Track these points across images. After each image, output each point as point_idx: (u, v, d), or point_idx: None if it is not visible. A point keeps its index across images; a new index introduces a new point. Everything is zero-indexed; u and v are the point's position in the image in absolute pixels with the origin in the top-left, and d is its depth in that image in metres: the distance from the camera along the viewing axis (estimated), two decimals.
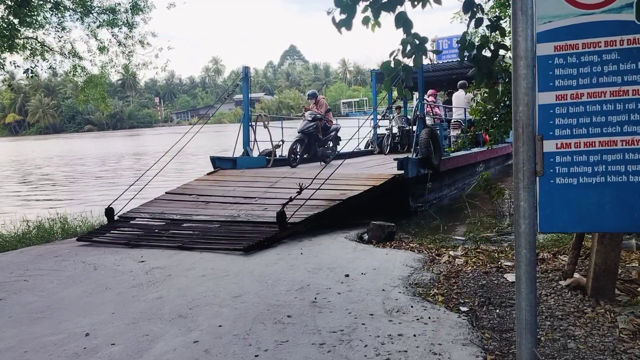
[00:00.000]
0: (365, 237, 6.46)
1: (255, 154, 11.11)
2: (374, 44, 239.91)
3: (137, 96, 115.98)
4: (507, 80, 5.69)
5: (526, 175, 1.90)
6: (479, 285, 4.26)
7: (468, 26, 4.16)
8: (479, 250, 5.56)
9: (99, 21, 12.31)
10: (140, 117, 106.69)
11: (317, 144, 11.60)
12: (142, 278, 4.82)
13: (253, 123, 10.96)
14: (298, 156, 11.17)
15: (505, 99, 6.44)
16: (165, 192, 8.48)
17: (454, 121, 13.81)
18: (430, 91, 14.70)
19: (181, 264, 5.26)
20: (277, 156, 11.30)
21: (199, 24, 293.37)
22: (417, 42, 3.59)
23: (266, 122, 11.27)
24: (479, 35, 4.41)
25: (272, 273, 4.82)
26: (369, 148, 15.83)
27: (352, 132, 11.82)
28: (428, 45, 3.70)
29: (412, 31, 3.62)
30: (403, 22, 3.54)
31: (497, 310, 3.68)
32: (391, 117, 15.11)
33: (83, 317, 3.82)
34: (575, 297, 3.75)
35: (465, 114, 13.19)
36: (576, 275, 4.02)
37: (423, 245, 6.00)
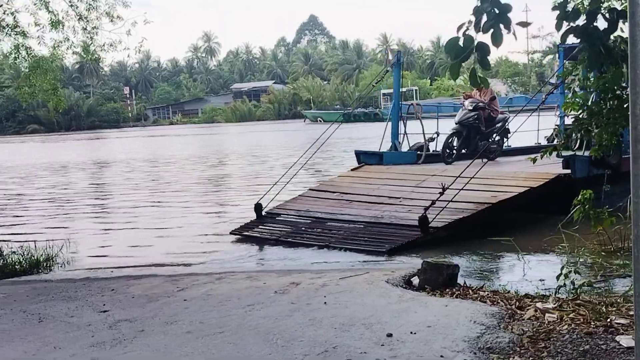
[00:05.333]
0: (416, 280, 6.42)
1: (404, 148, 13.21)
2: (427, 15, 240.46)
3: (100, 85, 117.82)
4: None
5: None
6: (580, 351, 4.22)
7: None
8: (578, 301, 5.49)
9: None
10: (104, 114, 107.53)
11: (478, 137, 12.90)
12: (104, 334, 4.85)
13: (404, 114, 13.31)
14: (454, 151, 12.78)
15: (615, 86, 6.33)
16: (309, 189, 11.27)
17: None
18: None
19: (158, 316, 5.28)
20: (430, 151, 13.14)
21: None
22: (497, 11, 3.57)
23: (419, 113, 13.72)
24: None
25: (285, 329, 4.82)
26: (554, 142, 16.18)
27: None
28: None
29: None
30: None
31: None
32: None
33: None
34: None
35: None
36: None
37: (498, 293, 5.95)
